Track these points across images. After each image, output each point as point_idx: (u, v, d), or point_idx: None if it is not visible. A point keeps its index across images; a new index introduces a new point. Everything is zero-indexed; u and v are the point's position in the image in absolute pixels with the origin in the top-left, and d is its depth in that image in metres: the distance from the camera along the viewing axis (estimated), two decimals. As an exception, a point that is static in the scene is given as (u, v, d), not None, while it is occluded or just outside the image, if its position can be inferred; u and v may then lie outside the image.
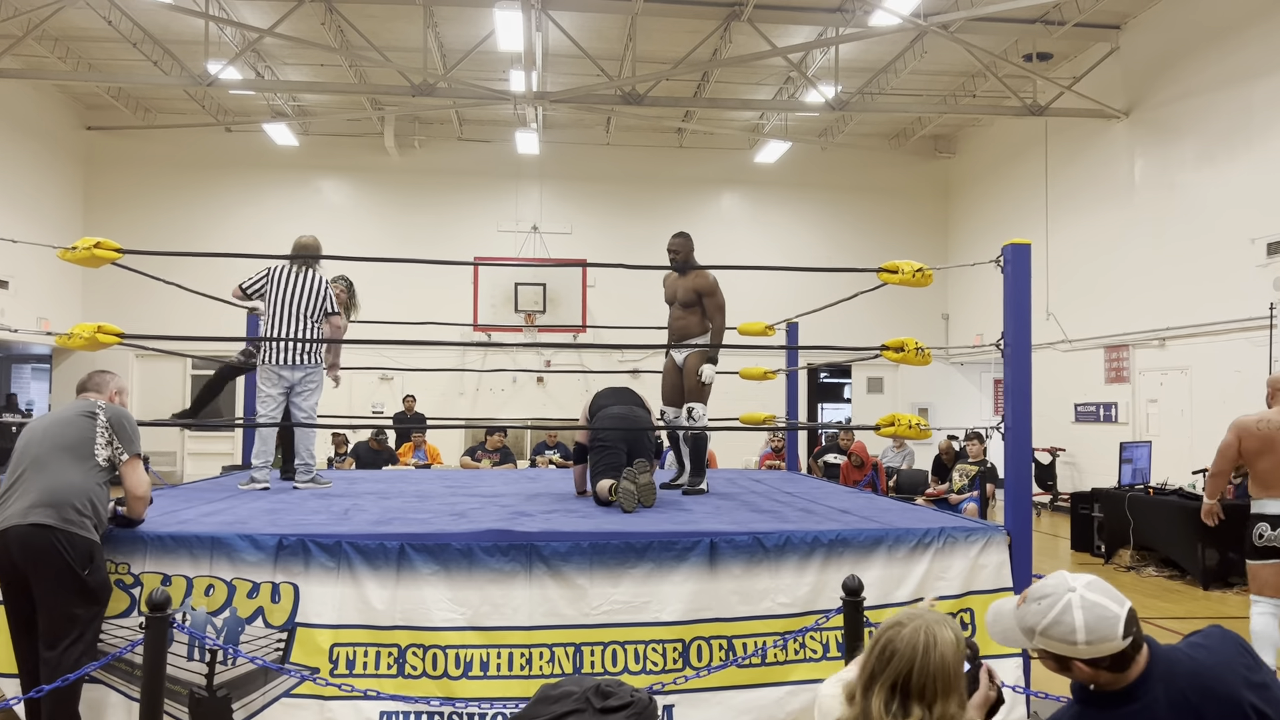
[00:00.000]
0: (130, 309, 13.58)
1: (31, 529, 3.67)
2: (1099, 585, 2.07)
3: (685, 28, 13.17)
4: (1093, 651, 1.97)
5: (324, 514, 5.04)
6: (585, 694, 1.84)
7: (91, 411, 4.03)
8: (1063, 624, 2.00)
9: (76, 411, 4.04)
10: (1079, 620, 1.98)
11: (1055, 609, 2.01)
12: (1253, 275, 10.67)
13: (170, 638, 3.51)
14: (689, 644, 4.24)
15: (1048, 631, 2.01)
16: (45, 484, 3.77)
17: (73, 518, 3.74)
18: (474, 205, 17.64)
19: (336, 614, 4.12)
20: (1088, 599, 2.01)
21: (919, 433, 4.84)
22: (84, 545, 3.75)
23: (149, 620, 3.35)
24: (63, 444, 3.90)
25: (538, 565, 4.25)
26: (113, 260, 4.45)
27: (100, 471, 3.95)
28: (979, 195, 17.39)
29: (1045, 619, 2.01)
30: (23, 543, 3.68)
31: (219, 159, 17.29)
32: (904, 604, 4.33)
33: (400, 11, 12.76)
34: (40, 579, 3.68)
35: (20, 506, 3.73)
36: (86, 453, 3.92)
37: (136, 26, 13.16)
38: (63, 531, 3.70)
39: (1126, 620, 2.00)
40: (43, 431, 3.97)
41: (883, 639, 1.98)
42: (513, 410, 16.91)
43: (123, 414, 4.12)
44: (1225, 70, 11.33)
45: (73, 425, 3.97)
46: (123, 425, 4.05)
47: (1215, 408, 11.27)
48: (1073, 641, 1.98)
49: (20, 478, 3.83)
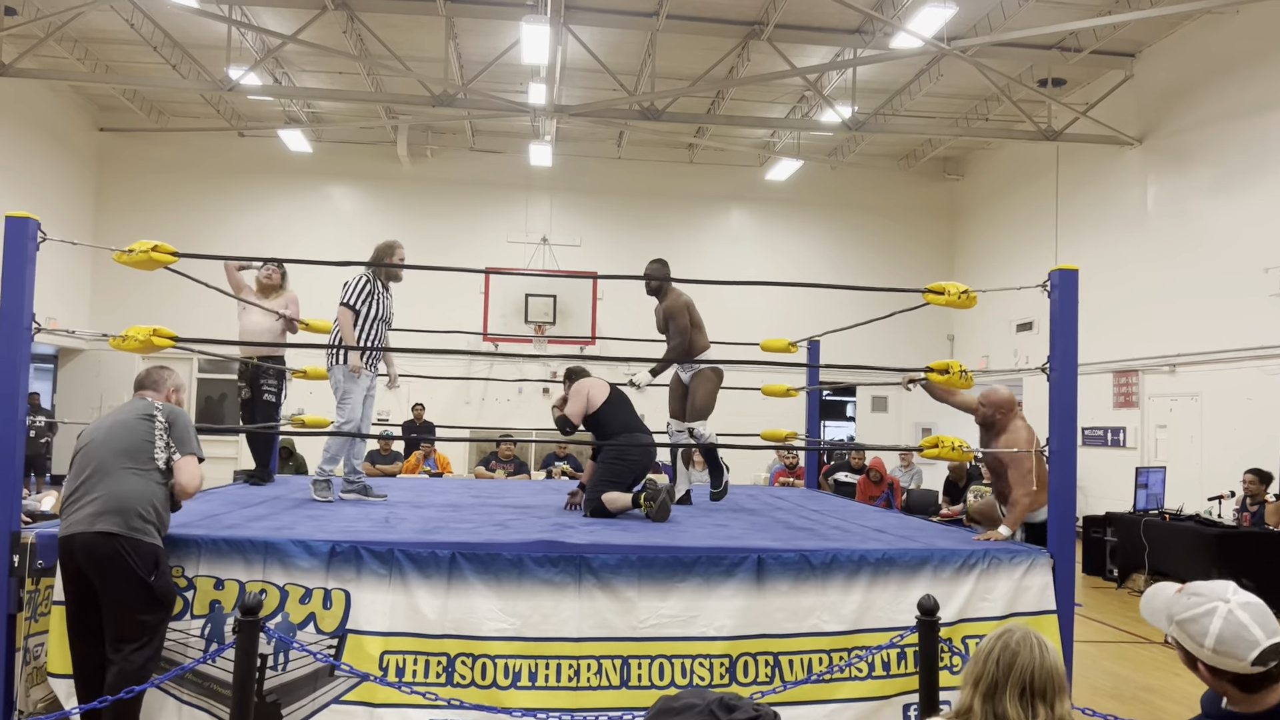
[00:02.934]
0: (138, 309, 13.53)
1: (98, 537, 3.68)
2: (1256, 608, 2.09)
3: (704, 45, 13.25)
4: (1216, 660, 2.02)
5: (367, 521, 5.05)
6: (709, 706, 1.86)
7: (149, 414, 4.03)
8: (1199, 625, 2.06)
9: (135, 414, 4.04)
10: (1215, 628, 2.04)
11: (1201, 609, 2.08)
12: (1266, 304, 10.75)
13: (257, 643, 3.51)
14: (736, 659, 4.26)
15: (1184, 625, 2.08)
16: (109, 490, 3.77)
17: (138, 525, 3.75)
18: (484, 215, 17.67)
19: (388, 621, 4.13)
20: (1235, 615, 2.05)
21: (961, 454, 4.86)
22: (150, 551, 3.77)
23: (240, 624, 3.37)
24: (124, 449, 3.90)
25: (587, 577, 4.26)
26: (168, 264, 4.46)
27: (161, 474, 3.96)
28: (987, 218, 17.49)
29: (1187, 613, 2.08)
30: (89, 550, 3.68)
31: (231, 163, 17.31)
32: (950, 624, 4.36)
33: (422, 22, 12.82)
34: (107, 586, 3.69)
35: (86, 513, 3.73)
36: (146, 457, 3.93)
37: (158, 30, 13.19)
38: (128, 539, 3.71)
39: (1266, 651, 2.02)
40: (104, 436, 3.95)
41: (996, 649, 2.04)
42: (518, 420, 16.89)
43: (180, 414, 4.13)
44: (1240, 100, 11.45)
45: (132, 430, 3.97)
46: (179, 426, 4.06)
47: (1226, 435, 11.35)
48: (1200, 644, 2.05)
49: (84, 483, 3.83)
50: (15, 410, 4.15)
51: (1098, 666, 6.61)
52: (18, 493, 4.22)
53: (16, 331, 4.18)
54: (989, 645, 2.08)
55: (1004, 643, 2.04)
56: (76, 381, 16.60)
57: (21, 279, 4.21)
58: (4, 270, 4.18)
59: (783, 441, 8.18)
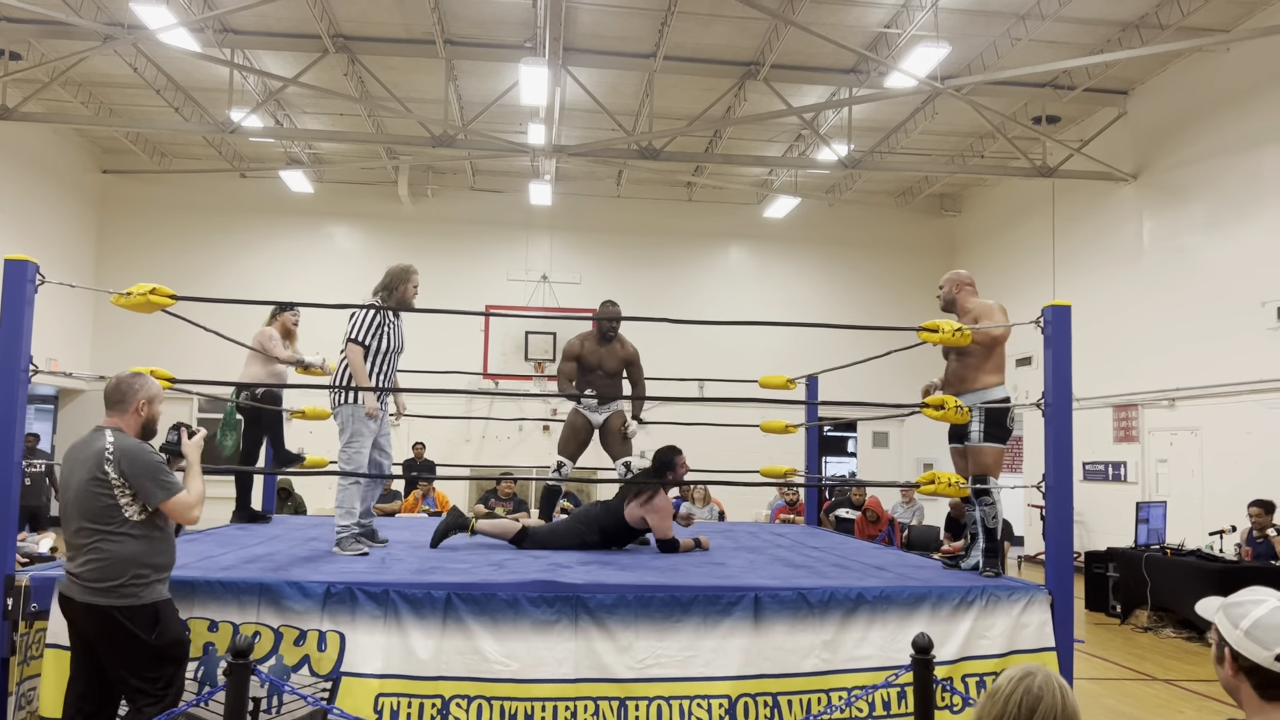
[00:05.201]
0: (140, 350, 13.61)
1: (93, 609, 3.51)
2: None
3: (701, 85, 13.40)
4: (1243, 645, 1.99)
5: (363, 562, 5.03)
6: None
7: (101, 475, 3.55)
8: (1242, 609, 2.05)
9: (88, 475, 3.57)
10: (1256, 613, 2.02)
11: (1251, 598, 2.07)
12: (1263, 338, 10.78)
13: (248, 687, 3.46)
14: (735, 700, 4.22)
15: (1228, 609, 2.08)
16: (94, 558, 3.53)
17: (127, 590, 3.53)
18: (485, 254, 17.76)
19: (383, 663, 4.10)
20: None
21: (957, 490, 4.86)
22: (147, 612, 3.56)
23: (232, 668, 3.32)
24: (91, 517, 3.55)
25: (583, 617, 4.24)
26: (166, 307, 4.48)
27: (141, 523, 3.61)
28: (984, 254, 17.57)
29: (1237, 599, 2.09)
30: (89, 618, 3.54)
31: (233, 204, 17.43)
32: (950, 662, 4.33)
33: (422, 64, 12.97)
34: (107, 651, 3.55)
35: (80, 580, 3.53)
36: (117, 519, 3.56)
37: (161, 73, 13.36)
38: (120, 607, 3.51)
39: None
40: (73, 499, 3.61)
41: (1018, 691, 2.01)
42: (518, 458, 16.87)
43: (136, 460, 3.58)
44: (1233, 136, 11.55)
45: (90, 498, 3.55)
46: (138, 475, 3.56)
47: (1226, 469, 11.32)
48: (1236, 625, 2.03)
49: (70, 542, 3.62)
50: (11, 453, 4.16)
51: (1100, 704, 6.54)
52: (13, 535, 4.21)
53: (13, 374, 4.19)
54: (1010, 688, 2.04)
55: (1026, 686, 2.01)
56: (77, 422, 16.58)
57: (19, 321, 4.23)
58: (2, 312, 4.19)
59: (781, 478, 8.17)
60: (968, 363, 5.15)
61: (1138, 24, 11.16)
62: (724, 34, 11.96)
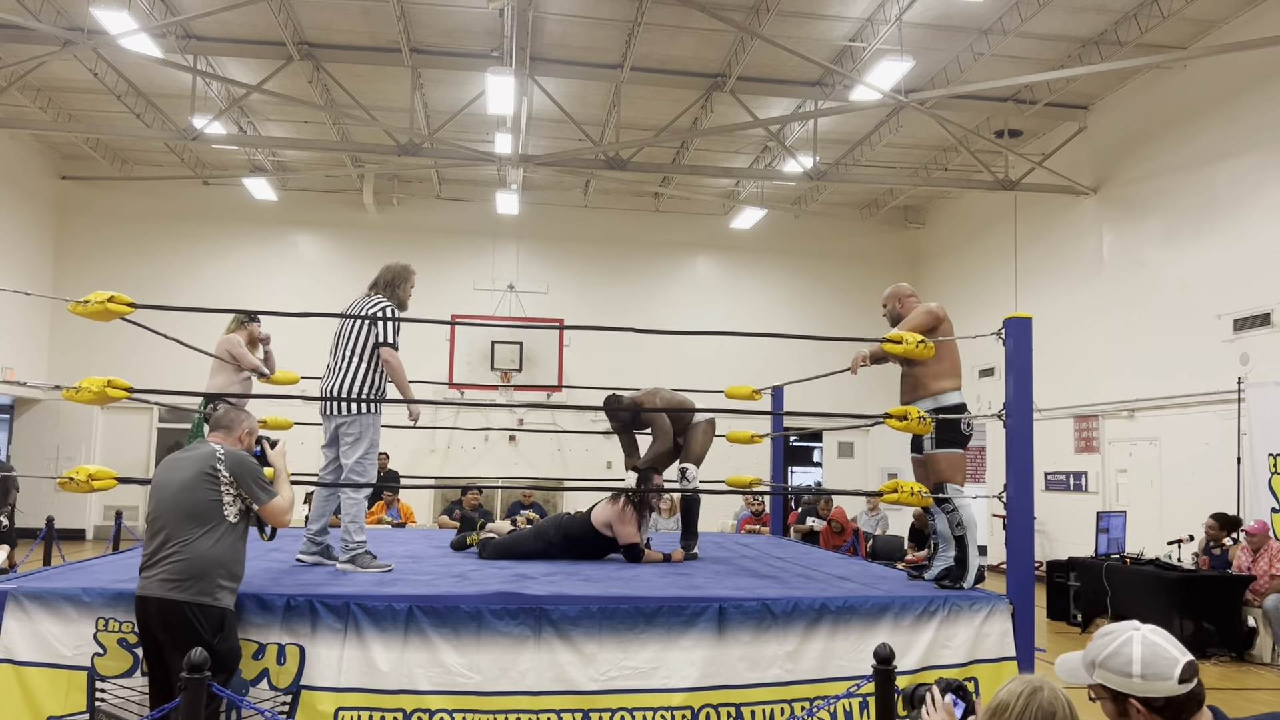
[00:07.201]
0: (97, 359, 13.42)
1: (168, 602, 3.70)
2: (1164, 633, 2.17)
3: (668, 96, 13.44)
4: (1147, 689, 2.03)
5: (323, 573, 4.98)
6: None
7: (211, 470, 3.86)
8: (1121, 655, 2.09)
9: (197, 470, 3.86)
10: (1137, 653, 2.07)
11: (1116, 642, 2.12)
12: (1220, 350, 10.96)
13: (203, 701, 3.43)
14: (698, 711, 4.21)
15: (1106, 663, 2.10)
16: (181, 555, 3.74)
17: (208, 589, 3.74)
18: (451, 263, 17.66)
19: (343, 676, 4.06)
20: (1150, 638, 2.11)
21: (920, 499, 4.89)
22: (217, 615, 3.76)
23: (186, 683, 3.27)
24: (192, 512, 3.80)
25: (546, 629, 4.22)
26: (124, 315, 4.41)
27: (234, 528, 3.89)
28: (948, 265, 17.75)
29: (1106, 650, 2.12)
30: (160, 613, 3.72)
31: (195, 211, 17.22)
32: (912, 672, 4.35)
33: (388, 73, 12.91)
34: (173, 647, 3.67)
35: (159, 577, 3.73)
36: (216, 517, 3.82)
37: (122, 79, 13.18)
38: (197, 604, 3.71)
39: (1185, 667, 2.08)
40: (171, 499, 3.84)
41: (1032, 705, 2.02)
42: (484, 469, 16.78)
43: (245, 463, 3.94)
44: (1190, 152, 11.76)
45: (197, 491, 3.83)
46: (245, 477, 3.90)
47: (1184, 478, 11.50)
48: (1128, 674, 2.06)
49: (158, 543, 3.80)
50: (-39, 463, 4.07)
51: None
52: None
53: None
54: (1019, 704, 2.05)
55: (1037, 702, 2.03)
56: (33, 432, 16.30)
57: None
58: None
59: (746, 487, 8.17)
60: (918, 370, 5.20)
61: (1097, 41, 11.35)
62: (691, 46, 12.02)
